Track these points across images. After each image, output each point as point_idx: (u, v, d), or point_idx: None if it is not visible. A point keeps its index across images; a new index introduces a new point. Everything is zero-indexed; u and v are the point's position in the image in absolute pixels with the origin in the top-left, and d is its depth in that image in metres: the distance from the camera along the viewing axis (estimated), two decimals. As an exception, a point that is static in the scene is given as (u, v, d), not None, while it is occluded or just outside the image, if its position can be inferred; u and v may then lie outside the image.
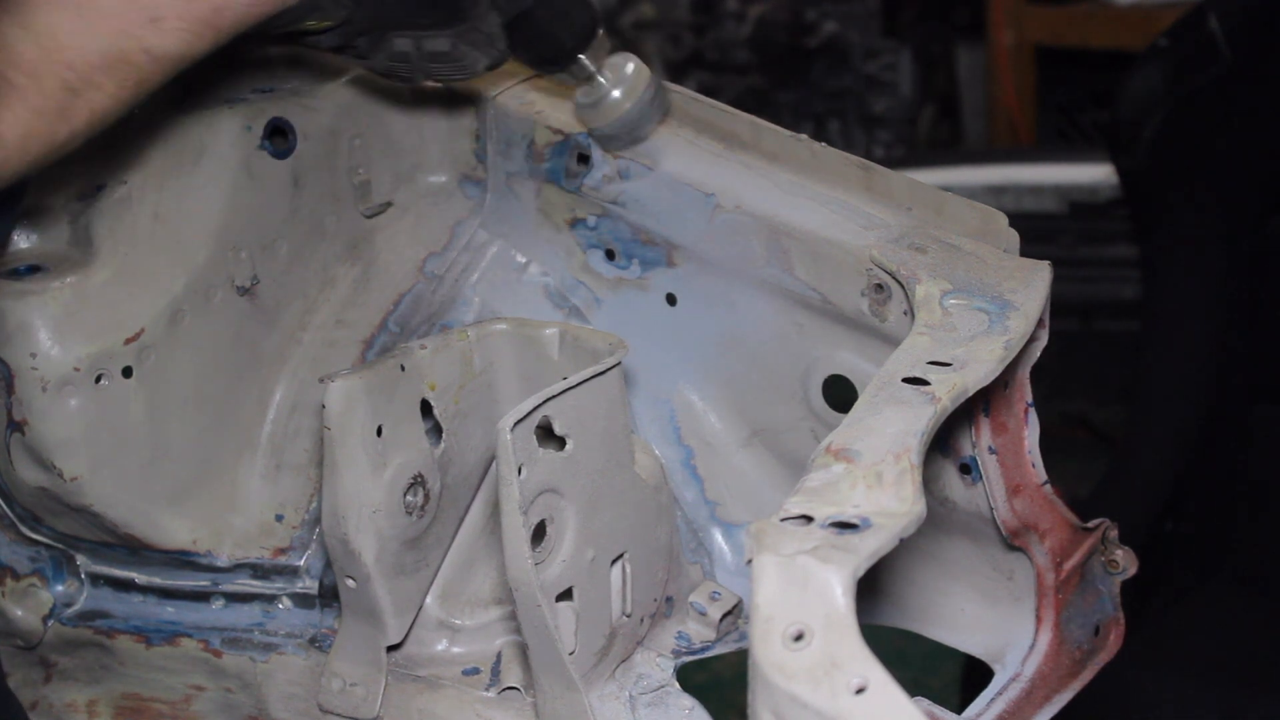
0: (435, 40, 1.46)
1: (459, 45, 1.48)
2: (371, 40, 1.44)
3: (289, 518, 1.64)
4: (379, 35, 1.44)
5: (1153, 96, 2.76)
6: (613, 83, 1.58)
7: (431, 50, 1.47)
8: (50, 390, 1.47)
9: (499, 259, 1.75)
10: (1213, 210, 2.64)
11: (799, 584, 0.98)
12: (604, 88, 1.58)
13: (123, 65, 1.22)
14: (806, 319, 1.56)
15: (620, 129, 1.60)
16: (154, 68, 1.25)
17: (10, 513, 1.62)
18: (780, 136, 1.56)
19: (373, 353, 1.69)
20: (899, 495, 1.07)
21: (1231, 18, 2.61)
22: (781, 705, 0.93)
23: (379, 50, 1.46)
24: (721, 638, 1.59)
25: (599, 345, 1.48)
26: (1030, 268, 1.43)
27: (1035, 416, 1.45)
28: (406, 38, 1.45)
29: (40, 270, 1.48)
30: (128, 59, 1.23)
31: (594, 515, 1.42)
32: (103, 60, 1.21)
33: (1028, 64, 4.86)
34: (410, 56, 1.47)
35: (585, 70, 1.57)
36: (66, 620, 1.66)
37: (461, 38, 1.47)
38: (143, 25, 1.24)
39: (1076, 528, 1.49)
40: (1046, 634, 1.49)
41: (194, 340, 1.57)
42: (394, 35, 1.45)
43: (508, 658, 1.54)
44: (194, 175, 1.55)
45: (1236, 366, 2.61)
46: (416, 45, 1.46)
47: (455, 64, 1.49)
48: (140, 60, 1.23)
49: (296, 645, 1.61)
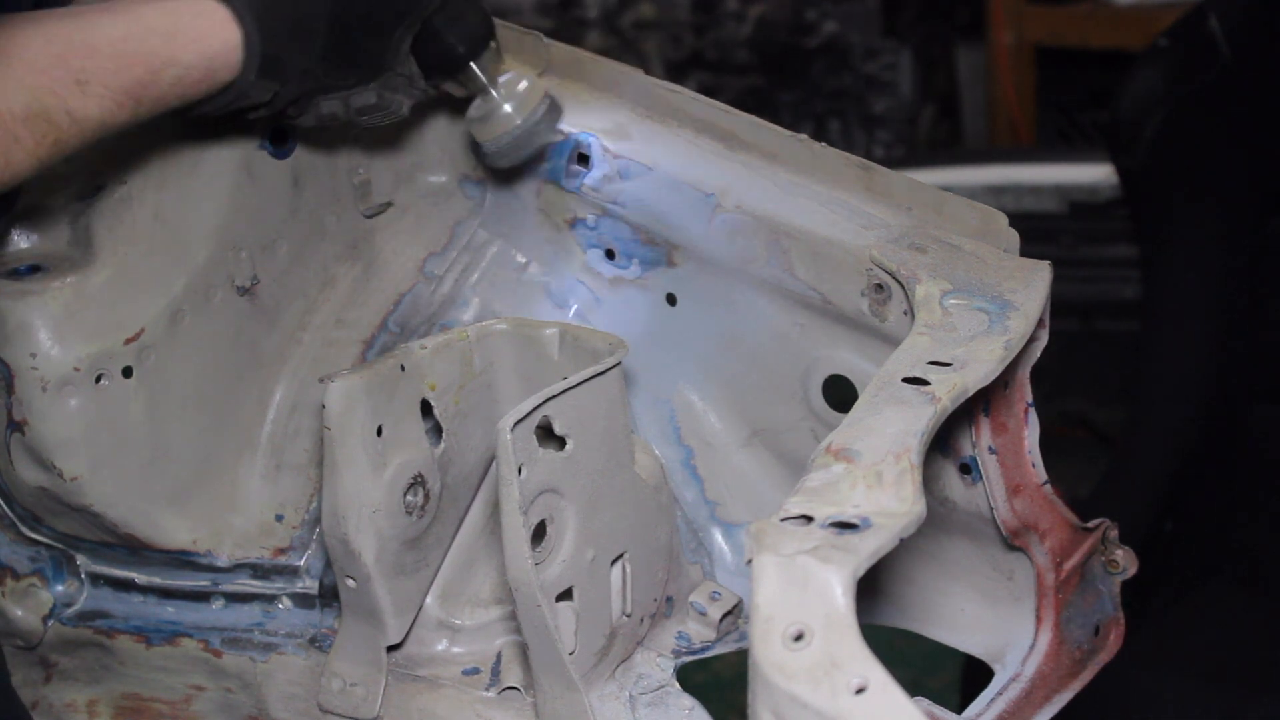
0: (362, 95, 1.49)
1: (384, 94, 1.51)
2: (300, 107, 1.47)
3: (289, 518, 1.64)
4: (307, 103, 1.47)
5: (1153, 96, 2.76)
6: (505, 97, 1.57)
7: (359, 105, 1.50)
8: (50, 390, 1.47)
9: (499, 259, 1.75)
10: (1213, 210, 2.64)
11: (799, 584, 0.98)
12: (495, 101, 1.57)
13: (42, 122, 1.24)
14: (806, 319, 1.56)
15: (509, 145, 1.58)
16: (73, 130, 1.26)
17: (10, 513, 1.62)
18: (780, 136, 1.56)
19: (373, 353, 1.69)
20: (899, 495, 1.07)
21: (1231, 18, 2.61)
22: (781, 705, 0.93)
23: (308, 114, 1.49)
24: (721, 638, 1.59)
25: (599, 345, 1.48)
26: (1030, 268, 1.43)
27: (1035, 416, 1.45)
28: (334, 99, 1.48)
29: (40, 270, 1.48)
30: (49, 116, 1.24)
31: (594, 515, 1.42)
32: (25, 113, 1.23)
33: (1028, 64, 4.86)
34: (339, 115, 1.50)
35: (476, 80, 1.56)
36: (66, 620, 1.66)
37: (386, 86, 1.51)
38: (68, 86, 1.26)
39: (1076, 528, 1.49)
40: (1046, 634, 1.49)
41: (194, 340, 1.57)
42: (322, 100, 1.48)
43: (508, 658, 1.54)
44: (194, 175, 1.55)
45: (1236, 366, 2.60)
46: (344, 104, 1.49)
47: (383, 111, 1.52)
48: (61, 120, 1.25)
49: (296, 645, 1.61)
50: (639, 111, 1.63)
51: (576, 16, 6.00)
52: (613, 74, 1.64)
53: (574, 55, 1.66)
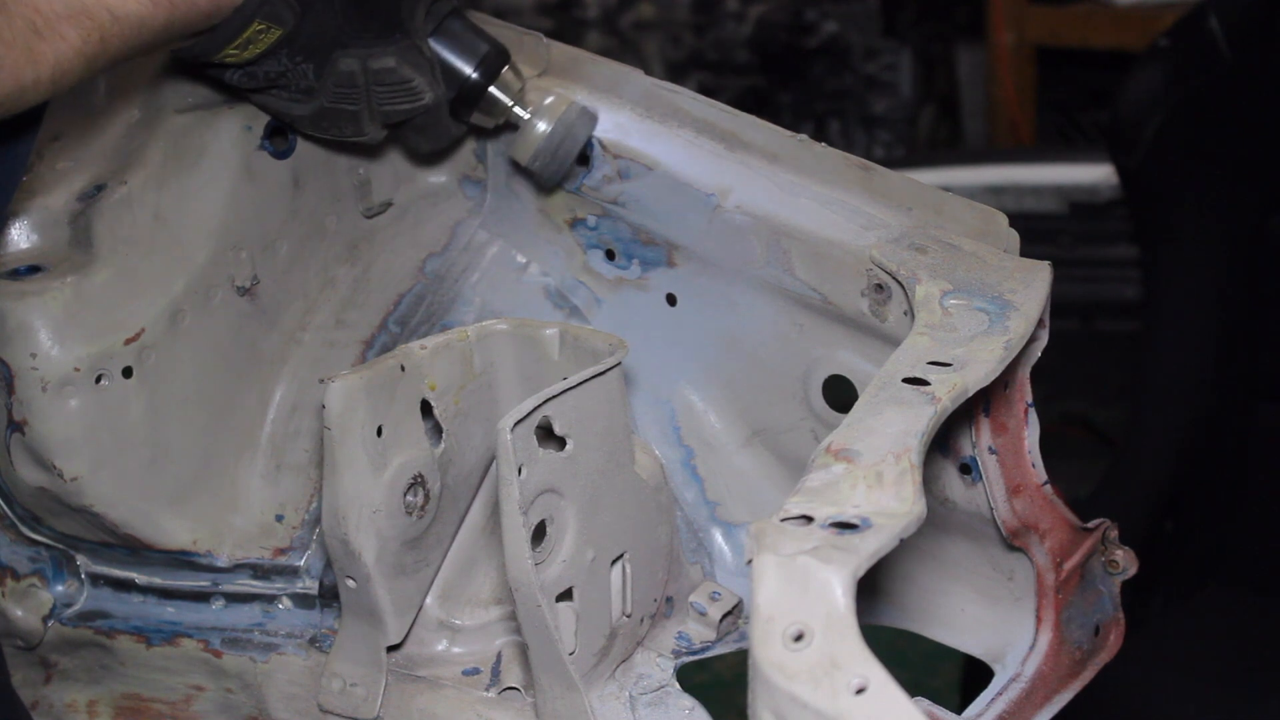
0: (381, 58, 1.48)
1: (403, 65, 1.49)
2: (318, 65, 1.46)
3: (289, 518, 1.64)
4: (324, 56, 1.46)
5: (1153, 96, 2.76)
6: (534, 114, 1.59)
7: (377, 69, 1.48)
8: (50, 390, 1.47)
9: (499, 259, 1.75)
10: (1213, 210, 2.64)
11: (799, 584, 0.98)
12: (524, 119, 1.60)
13: (85, 17, 1.26)
14: (806, 319, 1.56)
15: (549, 158, 1.60)
16: (115, 27, 1.28)
17: (10, 513, 1.62)
18: (780, 136, 1.56)
19: (373, 353, 1.69)
20: (899, 495, 1.07)
21: (1231, 18, 2.61)
22: (781, 705, 0.93)
23: (326, 77, 1.48)
24: (721, 638, 1.59)
25: (599, 345, 1.48)
26: (1030, 268, 1.43)
27: (1035, 416, 1.45)
28: (352, 57, 1.47)
29: (40, 270, 1.49)
30: (89, 12, 1.26)
31: (594, 515, 1.42)
32: (67, 10, 1.25)
33: (1028, 64, 4.86)
34: (357, 79, 1.48)
35: (501, 105, 1.58)
36: (67, 620, 1.66)
37: (404, 57, 1.49)
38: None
39: (1076, 528, 1.49)
40: (1046, 634, 1.49)
41: (194, 340, 1.57)
42: (339, 55, 1.47)
43: (508, 658, 1.54)
44: (194, 175, 1.56)
45: (1236, 366, 2.60)
46: (363, 65, 1.48)
47: (402, 88, 1.50)
48: (102, 17, 1.27)
49: (296, 645, 1.61)
50: (639, 111, 1.63)
51: (576, 16, 6.01)
52: (613, 74, 1.64)
53: (574, 55, 1.66)
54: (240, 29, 1.41)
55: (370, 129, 1.54)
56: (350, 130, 1.54)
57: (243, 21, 1.40)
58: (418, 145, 1.62)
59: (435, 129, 1.57)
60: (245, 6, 1.39)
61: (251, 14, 1.40)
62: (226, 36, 1.41)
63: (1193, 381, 2.63)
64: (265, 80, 1.48)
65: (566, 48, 1.67)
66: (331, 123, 1.53)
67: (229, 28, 1.40)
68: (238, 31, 1.41)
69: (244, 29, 1.41)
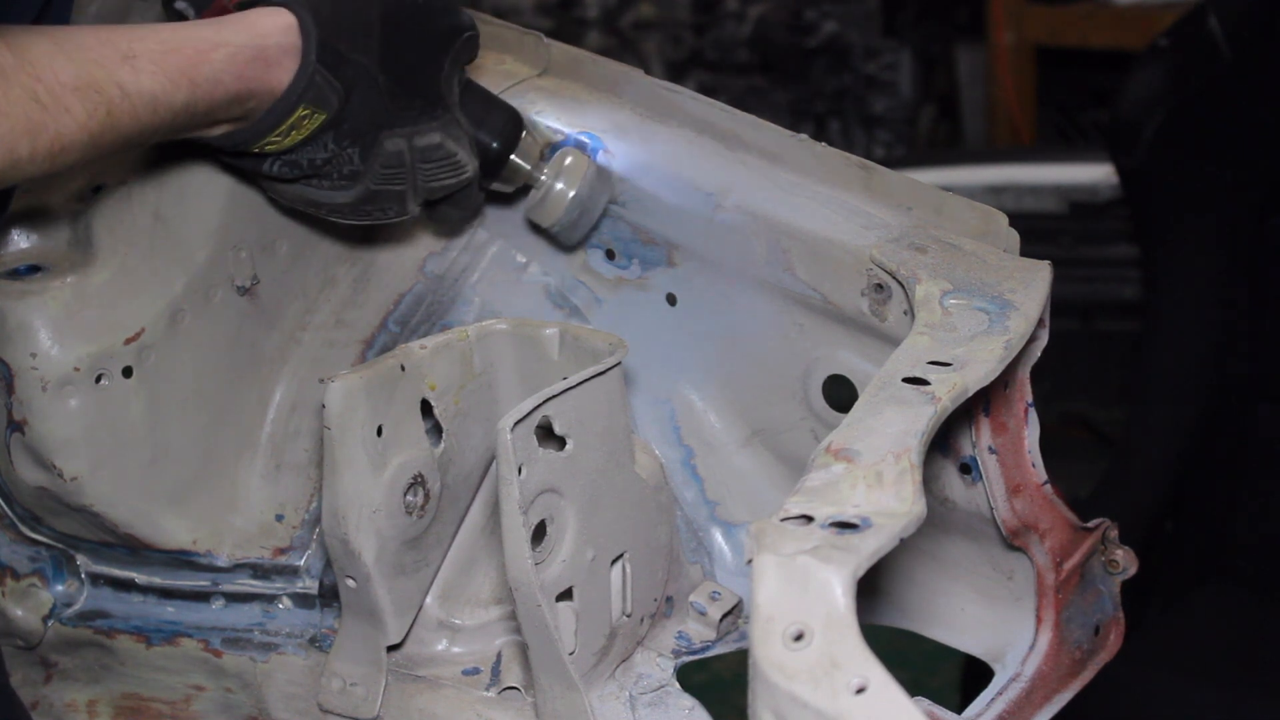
0: (427, 134, 1.45)
1: (447, 140, 1.47)
2: (364, 147, 1.43)
3: (289, 518, 1.64)
4: (371, 138, 1.42)
5: (1152, 96, 2.76)
6: (553, 176, 1.59)
7: (423, 146, 1.45)
8: (50, 390, 1.47)
9: (499, 259, 1.75)
10: (1213, 210, 2.64)
11: (799, 584, 0.98)
12: (545, 183, 1.59)
13: (93, 92, 1.20)
14: (806, 319, 1.56)
15: (572, 220, 1.60)
16: (125, 103, 1.23)
17: (10, 513, 1.62)
18: (780, 136, 1.56)
19: (373, 353, 1.69)
20: (899, 495, 1.07)
21: (1231, 18, 2.61)
22: (781, 705, 0.93)
23: (373, 160, 1.44)
24: (721, 638, 1.59)
25: (599, 345, 1.48)
26: (1030, 268, 1.43)
27: (1035, 416, 1.45)
28: (399, 136, 1.44)
29: (40, 270, 1.49)
30: (98, 86, 1.21)
31: (594, 515, 1.42)
32: (74, 82, 1.19)
33: (1028, 64, 4.87)
34: (404, 158, 1.45)
35: (521, 171, 1.58)
36: (66, 620, 1.66)
37: (448, 132, 1.47)
38: (115, 60, 1.23)
39: (1076, 528, 1.49)
40: (1046, 634, 1.49)
41: (194, 340, 1.57)
42: (385, 136, 1.43)
43: (508, 658, 1.54)
44: (194, 175, 1.55)
45: (1236, 366, 2.61)
46: (409, 143, 1.45)
47: (448, 163, 1.48)
48: (111, 92, 1.21)
49: (296, 645, 1.61)
50: (639, 111, 1.63)
51: (576, 16, 6.02)
52: (613, 74, 1.64)
53: (574, 55, 1.66)
54: (285, 115, 1.35)
55: (413, 208, 1.51)
56: (394, 211, 1.49)
57: (288, 108, 1.35)
58: (448, 217, 1.59)
59: (468, 200, 1.56)
60: (290, 91, 1.33)
61: (297, 99, 1.34)
62: (270, 124, 1.35)
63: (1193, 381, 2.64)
64: (309, 168, 1.43)
65: (566, 48, 1.67)
66: (376, 205, 1.48)
67: (273, 115, 1.35)
68: (282, 118, 1.35)
69: (288, 115, 1.35)
